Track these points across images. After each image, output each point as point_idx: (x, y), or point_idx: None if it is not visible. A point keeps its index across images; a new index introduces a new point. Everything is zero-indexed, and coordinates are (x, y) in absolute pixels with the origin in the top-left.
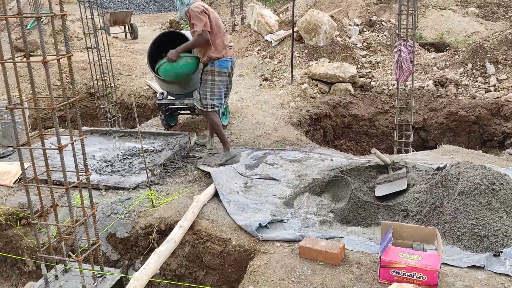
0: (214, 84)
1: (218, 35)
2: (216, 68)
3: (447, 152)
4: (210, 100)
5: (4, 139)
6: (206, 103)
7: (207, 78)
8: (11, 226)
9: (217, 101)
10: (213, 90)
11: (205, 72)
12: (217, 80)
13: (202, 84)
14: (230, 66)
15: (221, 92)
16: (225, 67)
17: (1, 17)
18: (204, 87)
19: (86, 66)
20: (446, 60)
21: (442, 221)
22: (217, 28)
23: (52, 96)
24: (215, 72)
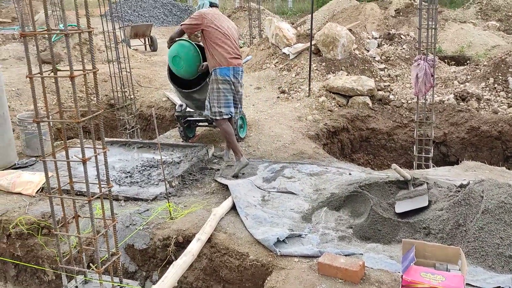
0: (219, 92)
1: (218, 45)
2: (218, 76)
3: (469, 168)
4: (217, 108)
5: (27, 149)
6: (214, 111)
7: (212, 86)
8: (32, 235)
9: (225, 108)
10: (219, 98)
11: (210, 81)
12: (221, 88)
13: (209, 93)
14: (233, 75)
15: (228, 100)
16: (226, 75)
17: (30, 34)
18: (211, 95)
19: (107, 78)
20: (467, 74)
21: (465, 240)
22: (218, 38)
23: (78, 110)
24: (218, 80)
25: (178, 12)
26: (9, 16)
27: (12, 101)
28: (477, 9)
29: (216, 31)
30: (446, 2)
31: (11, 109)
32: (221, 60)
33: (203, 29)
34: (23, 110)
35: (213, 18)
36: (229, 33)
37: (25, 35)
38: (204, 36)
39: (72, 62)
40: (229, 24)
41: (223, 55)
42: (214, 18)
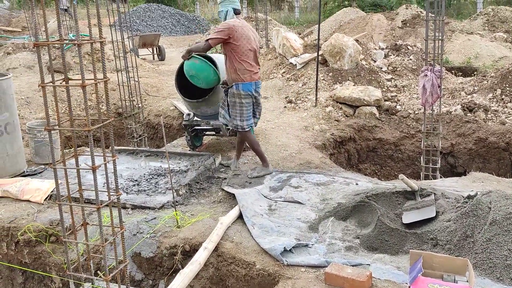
0: (242, 106)
1: (244, 60)
2: (241, 91)
3: (477, 179)
4: (239, 121)
5: (36, 157)
6: (236, 124)
7: (235, 100)
8: (40, 243)
9: (246, 122)
10: (242, 112)
11: (232, 95)
12: (244, 102)
13: (231, 106)
14: (254, 89)
15: (249, 113)
16: (249, 90)
17: (43, 43)
18: (234, 109)
19: (115, 87)
20: (474, 85)
21: (473, 251)
22: (244, 54)
23: (89, 118)
24: (241, 95)
25: (186, 22)
26: (20, 25)
27: (22, 109)
28: (484, 21)
29: (244, 46)
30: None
31: (20, 117)
32: (245, 76)
33: (230, 43)
34: (33, 118)
35: (242, 31)
36: (254, 46)
37: (39, 44)
38: (230, 49)
39: (84, 73)
40: (254, 35)
41: (247, 70)
42: (243, 32)
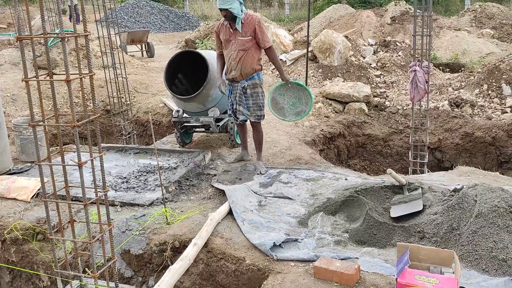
0: (263, 95)
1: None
2: (262, 80)
3: (463, 173)
4: (263, 111)
5: (23, 155)
6: (260, 114)
7: (258, 90)
8: (27, 241)
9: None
10: (263, 101)
11: (254, 85)
12: (263, 91)
13: (255, 97)
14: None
15: None
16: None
17: (27, 37)
18: (258, 100)
19: (103, 84)
20: (461, 81)
21: (459, 243)
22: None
23: (74, 114)
24: (262, 84)
25: (175, 18)
26: (5, 22)
27: (7, 107)
28: (472, 17)
29: None
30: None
31: (6, 115)
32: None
33: None
34: (18, 115)
35: None
36: None
37: (22, 38)
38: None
39: (68, 67)
40: None
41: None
42: None
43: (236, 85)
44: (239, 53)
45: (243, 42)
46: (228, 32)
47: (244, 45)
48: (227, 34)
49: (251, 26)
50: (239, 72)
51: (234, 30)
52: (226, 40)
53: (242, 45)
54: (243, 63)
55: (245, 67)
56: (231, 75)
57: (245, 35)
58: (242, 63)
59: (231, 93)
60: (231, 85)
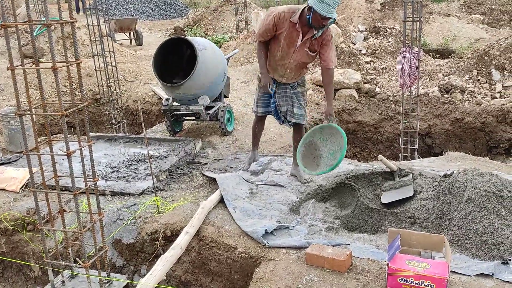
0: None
1: None
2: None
3: (453, 159)
4: (305, 111)
5: (11, 145)
6: (304, 114)
7: (302, 90)
8: (17, 231)
9: None
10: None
11: (303, 84)
12: None
13: (299, 99)
14: None
15: None
16: None
17: (11, 24)
18: (302, 99)
19: (92, 73)
20: (451, 67)
21: (449, 228)
22: None
23: (62, 102)
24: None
25: (163, 6)
26: None
27: None
28: (461, 3)
29: None
30: None
31: None
32: None
33: None
34: (6, 105)
35: None
36: None
37: (6, 26)
38: None
39: (55, 55)
40: None
41: None
42: None
43: (282, 85)
44: (298, 64)
45: (308, 56)
46: (294, 35)
47: (308, 60)
48: (292, 36)
49: (322, 38)
50: (292, 80)
51: (303, 39)
52: (288, 43)
53: (307, 58)
54: (297, 73)
55: (300, 75)
56: (280, 78)
57: (313, 50)
58: (296, 73)
59: (274, 91)
60: (275, 82)
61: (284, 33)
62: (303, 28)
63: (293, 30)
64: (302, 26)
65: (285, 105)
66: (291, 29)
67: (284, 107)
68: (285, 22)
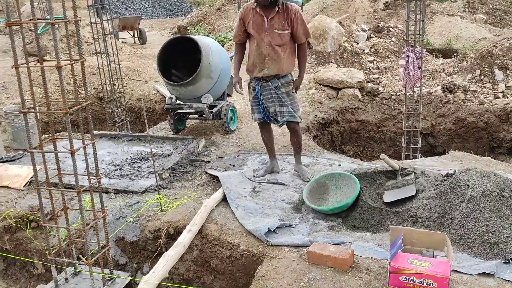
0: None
1: None
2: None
3: (455, 158)
4: (300, 111)
5: (15, 143)
6: (299, 114)
7: (286, 90)
8: (21, 229)
9: None
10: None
11: (288, 83)
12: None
13: (292, 95)
14: None
15: None
16: None
17: (16, 23)
18: (294, 99)
19: (95, 71)
20: (454, 66)
21: (451, 227)
22: None
23: (65, 100)
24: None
25: (167, 4)
26: None
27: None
28: (465, 2)
29: None
30: None
31: None
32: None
33: None
34: (9, 103)
35: None
36: None
37: (11, 24)
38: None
39: (59, 53)
40: None
41: None
42: None
43: (265, 84)
44: (274, 48)
45: (280, 36)
46: (259, 20)
47: (280, 40)
48: (258, 22)
49: (289, 16)
50: (273, 71)
51: (269, 20)
52: (257, 29)
53: (279, 39)
54: (277, 61)
55: (282, 65)
56: (262, 73)
57: (283, 29)
58: (275, 61)
59: (260, 94)
60: (258, 84)
61: (251, 23)
62: (264, 11)
63: (256, 16)
64: (261, 8)
65: (272, 106)
66: (255, 16)
67: (271, 108)
68: (249, 13)
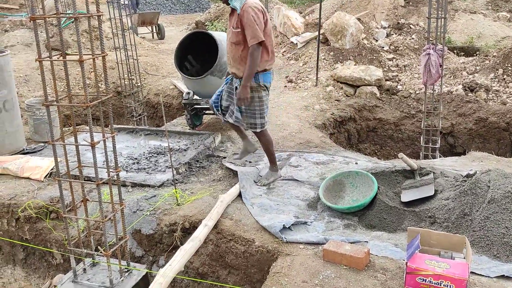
0: (262, 101)
1: (269, 41)
2: (261, 83)
3: (476, 158)
4: (260, 119)
5: (36, 135)
6: (255, 122)
7: (253, 95)
8: (41, 219)
9: (265, 118)
10: (262, 108)
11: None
12: (263, 96)
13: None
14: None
15: (267, 108)
16: (269, 81)
17: (40, 17)
18: (252, 105)
19: (114, 65)
20: (476, 65)
21: (470, 229)
22: (269, 32)
23: (87, 94)
24: (260, 88)
25: (185, 0)
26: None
27: (20, 87)
28: (488, 0)
29: (268, 24)
30: None
31: (19, 95)
32: (270, 61)
33: None
34: (31, 96)
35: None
36: (270, 24)
37: (35, 18)
38: None
39: (81, 47)
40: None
41: (271, 55)
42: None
43: (235, 80)
44: (231, 46)
45: (234, 34)
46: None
47: (235, 38)
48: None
49: (239, 16)
50: (233, 70)
51: (229, 17)
52: (228, 27)
53: (234, 37)
54: (238, 59)
55: (238, 65)
56: (233, 72)
57: (235, 27)
58: (237, 60)
59: (226, 84)
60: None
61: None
62: (231, 11)
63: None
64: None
65: (226, 101)
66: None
67: (225, 102)
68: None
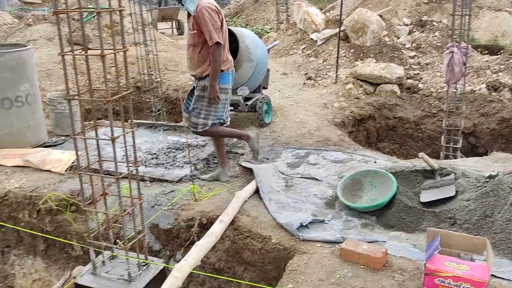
0: (210, 103)
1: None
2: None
3: (499, 159)
4: (202, 119)
5: (57, 128)
6: (197, 122)
7: (203, 94)
8: (61, 211)
9: (212, 119)
10: (209, 109)
11: (202, 88)
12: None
13: (196, 99)
14: (231, 80)
15: (223, 111)
16: (227, 82)
17: (63, 11)
18: (199, 104)
19: (134, 61)
20: (500, 64)
21: (492, 231)
22: (224, 33)
23: (108, 89)
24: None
25: None
26: None
27: (42, 81)
28: None
29: (223, 25)
30: None
31: (41, 89)
32: (225, 62)
33: None
34: (53, 90)
35: (216, 6)
36: (225, 25)
37: (58, 12)
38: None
39: (103, 42)
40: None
41: (225, 56)
42: (217, 7)
43: (195, 81)
44: (189, 49)
45: (191, 36)
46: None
47: (192, 40)
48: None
49: (195, 17)
50: (191, 71)
51: (188, 20)
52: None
53: (191, 38)
54: (194, 61)
55: (195, 66)
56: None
57: (192, 29)
58: (194, 62)
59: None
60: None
61: None
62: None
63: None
64: None
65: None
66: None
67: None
68: None
